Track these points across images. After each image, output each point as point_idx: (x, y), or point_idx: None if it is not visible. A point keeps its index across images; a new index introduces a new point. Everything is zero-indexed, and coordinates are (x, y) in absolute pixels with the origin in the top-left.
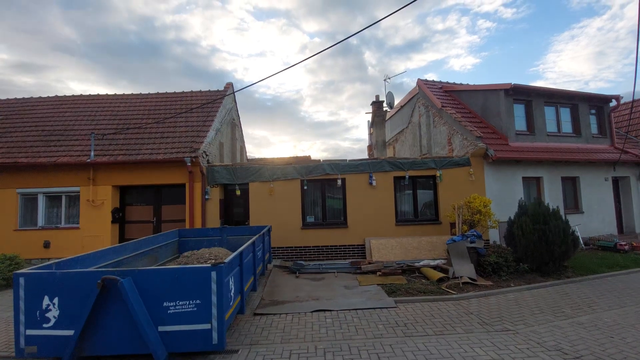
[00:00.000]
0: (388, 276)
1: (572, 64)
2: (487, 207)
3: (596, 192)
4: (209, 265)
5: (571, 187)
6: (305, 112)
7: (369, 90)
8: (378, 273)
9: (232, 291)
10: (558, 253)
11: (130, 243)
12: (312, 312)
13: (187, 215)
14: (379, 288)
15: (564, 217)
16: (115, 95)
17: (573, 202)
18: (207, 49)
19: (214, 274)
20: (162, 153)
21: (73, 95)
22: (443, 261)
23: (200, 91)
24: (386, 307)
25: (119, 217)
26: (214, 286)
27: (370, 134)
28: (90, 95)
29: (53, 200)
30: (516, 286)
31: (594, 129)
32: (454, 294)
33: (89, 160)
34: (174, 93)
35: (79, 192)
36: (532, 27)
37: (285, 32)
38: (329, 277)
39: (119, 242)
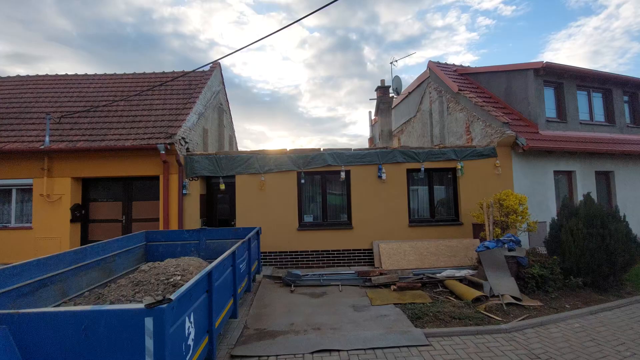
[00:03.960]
0: (405, 291)
1: (568, 63)
2: (524, 206)
3: (631, 189)
4: (142, 306)
5: (604, 183)
6: (303, 108)
7: (368, 86)
8: (392, 287)
9: (192, 336)
10: (620, 264)
11: (70, 252)
12: (312, 353)
13: (160, 214)
14: (398, 311)
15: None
16: (85, 75)
17: (607, 200)
18: (206, 43)
19: (149, 322)
20: (132, 139)
21: (37, 75)
22: (470, 271)
23: (183, 71)
24: (415, 345)
25: (80, 215)
26: (149, 342)
27: (373, 125)
28: (56, 75)
29: (1, 194)
30: (574, 308)
31: (627, 118)
32: (500, 321)
33: (42, 147)
34: (153, 73)
35: (32, 185)
36: (530, 24)
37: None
38: (332, 292)
39: (81, 245)
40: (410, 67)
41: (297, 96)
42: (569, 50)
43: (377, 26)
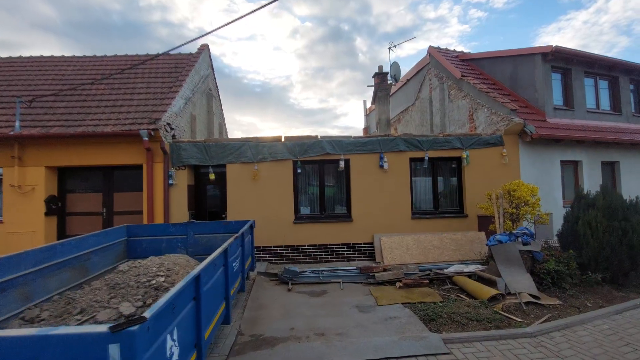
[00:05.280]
0: (412, 288)
1: None
2: (536, 197)
3: (636, 180)
4: (106, 330)
5: (610, 174)
6: (294, 99)
7: (359, 78)
8: (398, 284)
9: (175, 356)
10: None
11: (34, 250)
12: None
13: (145, 206)
14: (408, 312)
15: None
16: (62, 57)
17: None
18: (195, 32)
19: (115, 351)
20: (112, 124)
21: (10, 57)
22: (480, 267)
23: (169, 54)
24: (434, 354)
25: (56, 207)
26: None
27: (368, 114)
28: (31, 57)
29: None
30: (596, 307)
31: (632, 107)
32: (521, 322)
33: (12, 133)
34: (136, 55)
35: (1, 174)
36: (521, 17)
37: (276, 16)
38: (333, 290)
39: (58, 240)
40: (401, 58)
41: (288, 87)
42: (558, 43)
43: (370, 17)
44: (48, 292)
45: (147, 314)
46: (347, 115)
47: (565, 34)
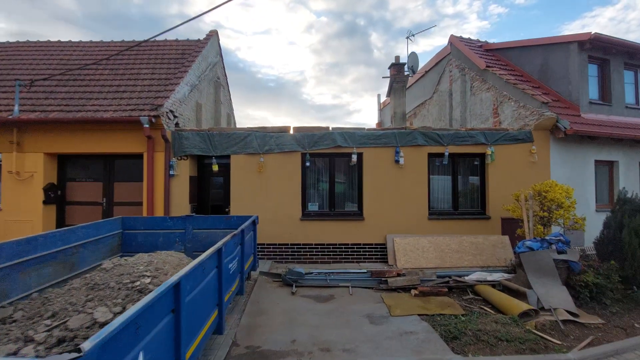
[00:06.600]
0: (429, 297)
1: None
2: (571, 200)
3: None
4: None
5: None
6: (307, 94)
7: (374, 74)
8: (413, 292)
9: None
10: None
11: (11, 242)
12: None
13: (144, 197)
14: (426, 326)
15: None
16: (69, 42)
17: None
18: (211, 25)
19: None
20: (112, 110)
21: (17, 42)
22: (505, 275)
23: (177, 40)
24: None
25: (55, 196)
26: None
27: (382, 109)
28: (37, 42)
29: None
30: None
31: None
32: (560, 345)
33: (10, 117)
34: (143, 41)
35: (0, 160)
36: (544, 14)
37: (292, 10)
38: (341, 296)
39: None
40: (417, 54)
41: (301, 82)
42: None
43: (386, 12)
44: (28, 289)
45: (88, 344)
46: (360, 111)
47: (590, 32)
